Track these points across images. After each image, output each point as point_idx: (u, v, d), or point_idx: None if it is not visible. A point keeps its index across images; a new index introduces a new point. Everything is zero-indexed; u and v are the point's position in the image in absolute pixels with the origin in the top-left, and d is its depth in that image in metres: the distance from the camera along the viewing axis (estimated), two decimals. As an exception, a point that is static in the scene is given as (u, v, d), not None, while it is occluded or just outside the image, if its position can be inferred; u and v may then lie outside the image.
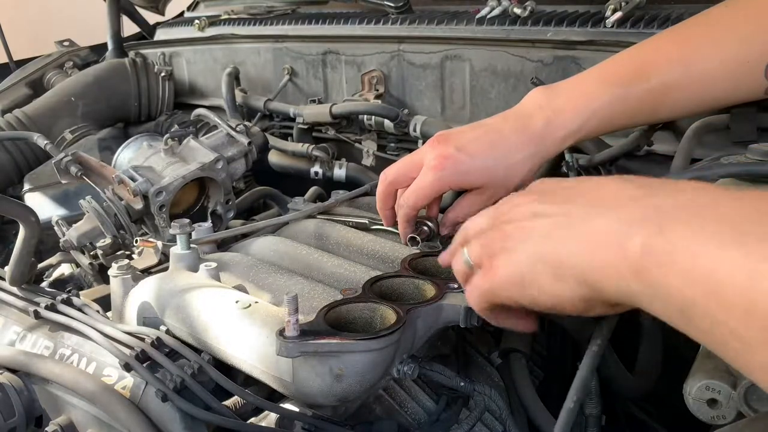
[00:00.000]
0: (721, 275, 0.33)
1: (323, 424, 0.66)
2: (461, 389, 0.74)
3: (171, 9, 1.90)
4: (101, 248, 0.96)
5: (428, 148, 0.76)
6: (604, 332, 0.63)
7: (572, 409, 0.57)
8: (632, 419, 0.95)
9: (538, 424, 0.78)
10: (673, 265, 0.36)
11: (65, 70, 1.64)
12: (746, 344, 0.33)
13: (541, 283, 0.46)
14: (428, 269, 0.75)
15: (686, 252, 0.35)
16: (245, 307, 0.68)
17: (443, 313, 0.69)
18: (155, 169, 0.98)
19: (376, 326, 0.66)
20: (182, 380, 0.67)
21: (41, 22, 3.07)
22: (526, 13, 1.14)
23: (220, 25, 1.61)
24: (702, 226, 0.36)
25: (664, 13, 1.03)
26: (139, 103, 1.56)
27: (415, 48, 1.25)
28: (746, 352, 0.33)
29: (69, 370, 0.72)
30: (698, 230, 0.36)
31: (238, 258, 0.84)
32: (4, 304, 0.84)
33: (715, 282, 0.34)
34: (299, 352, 0.59)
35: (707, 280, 0.34)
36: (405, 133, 1.26)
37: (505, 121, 0.76)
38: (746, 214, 0.35)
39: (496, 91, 1.17)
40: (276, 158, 1.39)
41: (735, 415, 0.59)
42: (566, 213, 0.45)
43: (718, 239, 0.34)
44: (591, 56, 1.03)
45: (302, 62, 1.43)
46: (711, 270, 0.34)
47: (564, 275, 0.44)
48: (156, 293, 0.76)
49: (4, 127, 1.37)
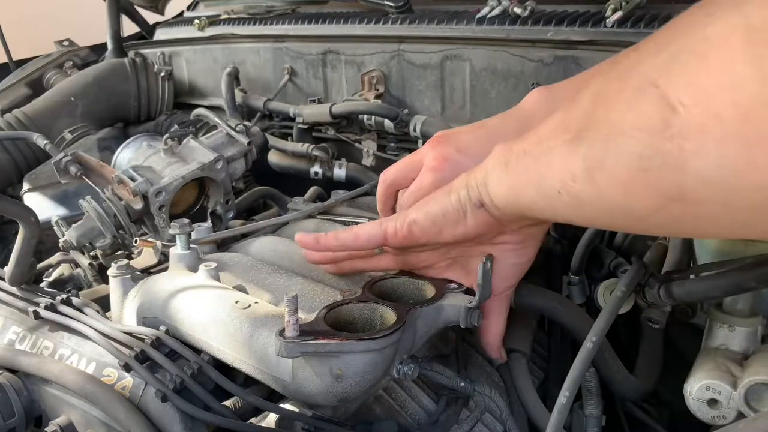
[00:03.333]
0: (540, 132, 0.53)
1: (323, 424, 0.66)
2: (461, 389, 0.74)
3: (171, 9, 1.90)
4: (101, 248, 0.96)
5: (428, 148, 0.75)
6: (601, 328, 0.64)
7: (564, 405, 0.61)
8: (632, 419, 0.95)
9: (538, 424, 0.78)
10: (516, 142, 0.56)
11: (65, 70, 1.64)
12: (536, 158, 0.52)
13: (438, 197, 0.65)
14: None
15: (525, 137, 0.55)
16: (245, 308, 0.68)
17: (443, 313, 0.69)
18: (155, 169, 0.98)
19: (376, 326, 0.66)
20: (182, 380, 0.67)
21: (41, 22, 3.07)
22: (526, 12, 1.14)
23: (219, 25, 1.61)
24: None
25: (665, 12, 1.03)
26: (138, 103, 1.56)
27: (415, 48, 1.25)
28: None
29: (69, 370, 0.72)
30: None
31: (238, 258, 0.84)
32: (4, 305, 0.84)
33: (533, 136, 0.54)
34: (299, 353, 0.59)
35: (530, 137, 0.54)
36: (405, 133, 1.26)
37: (506, 121, 0.76)
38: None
39: (496, 91, 1.17)
40: (276, 158, 1.39)
41: (735, 416, 0.59)
42: None
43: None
44: (591, 56, 1.03)
45: (302, 62, 1.43)
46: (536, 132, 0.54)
47: (453, 186, 0.64)
48: (155, 293, 0.76)
49: (3, 127, 1.37)
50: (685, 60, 0.38)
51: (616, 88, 0.44)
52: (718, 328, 0.69)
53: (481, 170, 0.60)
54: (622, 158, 0.42)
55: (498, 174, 0.58)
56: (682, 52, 0.38)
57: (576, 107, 0.48)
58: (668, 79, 0.39)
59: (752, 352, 0.67)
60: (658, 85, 0.39)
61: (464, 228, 0.64)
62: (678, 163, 0.39)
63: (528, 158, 0.53)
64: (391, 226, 0.68)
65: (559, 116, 0.50)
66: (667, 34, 0.41)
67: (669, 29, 0.42)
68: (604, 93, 0.45)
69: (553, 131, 0.50)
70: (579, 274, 0.89)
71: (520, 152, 0.54)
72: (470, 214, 0.63)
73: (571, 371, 0.63)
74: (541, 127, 0.53)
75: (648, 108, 0.40)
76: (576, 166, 0.46)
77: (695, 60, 0.37)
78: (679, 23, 0.41)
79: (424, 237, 0.67)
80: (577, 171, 0.46)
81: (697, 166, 0.38)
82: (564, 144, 0.48)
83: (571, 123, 0.48)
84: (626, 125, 0.41)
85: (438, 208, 0.65)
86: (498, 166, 0.58)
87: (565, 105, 0.51)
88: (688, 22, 0.40)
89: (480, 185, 0.60)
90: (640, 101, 0.40)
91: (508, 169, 0.56)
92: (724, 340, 0.68)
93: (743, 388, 0.59)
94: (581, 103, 0.48)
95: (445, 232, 0.65)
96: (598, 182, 0.45)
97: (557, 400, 0.62)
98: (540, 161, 0.51)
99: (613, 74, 0.45)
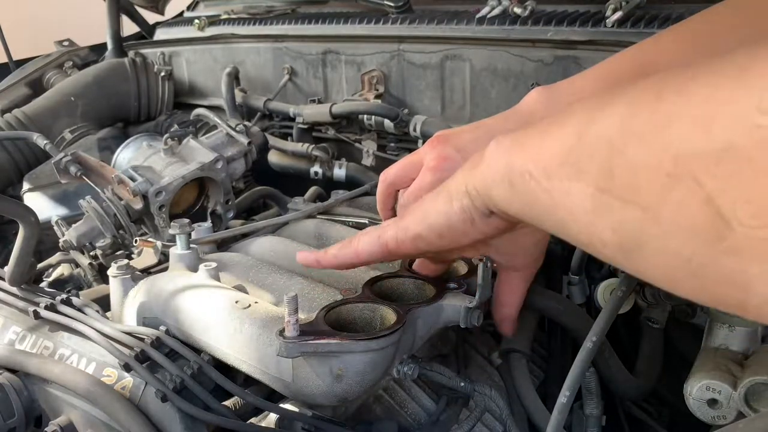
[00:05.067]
0: (542, 149, 0.44)
1: (323, 424, 0.66)
2: (461, 389, 0.74)
3: (171, 9, 1.89)
4: (101, 248, 0.96)
5: (428, 148, 0.75)
6: (601, 328, 0.64)
7: (565, 404, 0.60)
8: (632, 419, 0.95)
9: (538, 424, 0.78)
10: (511, 147, 0.48)
11: (65, 70, 1.64)
12: (552, 195, 0.42)
13: (438, 207, 0.58)
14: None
15: (519, 138, 0.48)
16: (245, 308, 0.68)
17: (443, 313, 0.69)
18: (155, 169, 0.98)
19: (376, 326, 0.66)
20: (182, 380, 0.67)
21: (41, 22, 3.07)
22: (526, 12, 1.14)
23: (219, 25, 1.61)
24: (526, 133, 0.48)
25: (665, 12, 1.03)
26: (138, 102, 1.56)
27: (415, 48, 1.25)
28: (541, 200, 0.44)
29: (69, 370, 0.72)
30: (531, 129, 0.47)
31: (238, 258, 0.84)
32: (4, 305, 0.84)
33: (534, 154, 0.45)
34: (299, 352, 0.59)
35: (529, 153, 0.46)
36: (405, 133, 1.26)
37: (506, 121, 0.76)
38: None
39: (496, 91, 1.17)
40: (276, 158, 1.39)
41: (735, 415, 0.59)
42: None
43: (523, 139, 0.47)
44: (591, 56, 1.03)
45: (302, 62, 1.43)
46: (536, 146, 0.45)
47: (453, 195, 0.57)
48: (156, 293, 0.76)
49: (3, 127, 1.37)
50: (736, 163, 0.29)
51: (639, 153, 0.34)
52: (718, 327, 0.69)
53: (479, 177, 0.53)
54: (665, 255, 0.34)
55: (503, 192, 0.50)
56: (732, 149, 0.29)
57: (586, 141, 0.38)
58: (716, 182, 0.30)
59: (752, 352, 0.67)
60: (702, 184, 0.30)
61: (476, 234, 0.57)
62: (739, 283, 0.31)
63: (538, 190, 0.44)
64: (391, 239, 0.63)
65: (564, 141, 0.41)
66: (705, 90, 0.31)
67: (704, 80, 0.31)
68: (622, 150, 0.35)
69: (561, 166, 0.41)
70: (579, 274, 0.89)
71: (524, 174, 0.45)
72: (479, 222, 0.56)
73: (571, 371, 0.63)
74: (543, 146, 0.44)
75: (691, 205, 0.31)
76: (606, 235, 0.38)
77: (748, 165, 0.28)
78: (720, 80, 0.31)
79: (432, 248, 0.62)
80: (608, 240, 0.38)
81: (765, 292, 0.30)
82: (582, 196, 0.38)
83: (584, 165, 0.38)
84: (663, 213, 0.32)
85: (442, 220, 0.58)
86: (501, 182, 0.50)
87: (567, 121, 0.41)
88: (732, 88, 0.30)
89: (483, 195, 0.53)
90: (679, 191, 0.31)
91: (515, 191, 0.48)
92: (724, 340, 0.68)
93: (743, 388, 0.59)
94: (591, 138, 0.38)
95: (456, 240, 0.59)
96: (635, 261, 0.37)
97: (557, 400, 0.62)
98: (556, 201, 0.42)
99: (635, 124, 0.34)
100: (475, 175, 0.54)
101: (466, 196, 0.55)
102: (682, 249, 0.32)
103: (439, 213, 0.58)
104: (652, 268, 0.36)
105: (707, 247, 0.31)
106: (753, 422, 0.51)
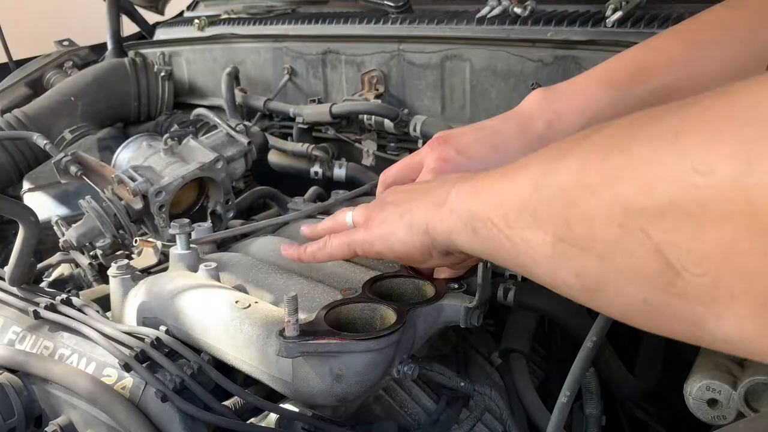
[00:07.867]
0: (501, 197, 0.46)
1: (323, 424, 0.66)
2: (461, 389, 0.74)
3: (171, 8, 1.89)
4: (101, 248, 0.96)
5: (428, 149, 0.75)
6: (601, 328, 0.64)
7: (565, 404, 0.61)
8: (632, 419, 0.95)
9: (538, 424, 0.78)
10: (473, 194, 0.50)
11: (65, 70, 1.64)
12: (513, 242, 0.43)
13: (399, 235, 0.61)
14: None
15: (479, 185, 0.50)
16: (245, 308, 0.68)
17: (443, 313, 0.69)
18: (155, 169, 0.98)
19: (376, 326, 0.66)
20: (182, 380, 0.67)
21: (41, 22, 3.07)
22: (526, 12, 1.14)
23: (219, 25, 1.61)
24: (492, 176, 0.49)
25: (665, 12, 1.03)
26: (138, 102, 1.56)
27: (415, 48, 1.25)
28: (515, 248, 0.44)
29: (69, 370, 0.72)
30: (490, 176, 0.49)
31: (238, 258, 0.84)
32: (4, 304, 0.84)
33: (494, 201, 0.47)
34: (299, 353, 0.59)
35: (490, 200, 0.47)
36: (405, 133, 1.25)
37: (506, 123, 0.76)
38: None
39: (496, 91, 1.17)
40: (276, 158, 1.39)
41: (735, 416, 0.59)
42: (423, 190, 0.63)
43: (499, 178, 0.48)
44: (591, 56, 1.03)
45: (302, 62, 1.43)
46: (496, 194, 0.47)
47: (414, 228, 0.59)
48: (155, 293, 0.76)
49: (3, 127, 1.37)
50: (678, 218, 0.31)
51: (591, 205, 0.36)
52: (718, 328, 0.69)
53: (442, 223, 0.55)
54: (623, 297, 0.36)
55: (467, 238, 0.51)
56: (673, 206, 0.31)
57: (543, 192, 0.41)
58: (662, 235, 0.32)
59: (752, 352, 0.66)
60: (651, 235, 0.32)
61: (436, 264, 0.64)
62: (692, 321, 0.33)
63: (501, 237, 0.45)
64: (359, 248, 0.66)
65: (523, 190, 0.43)
66: (649, 140, 0.33)
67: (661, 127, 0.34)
68: (576, 202, 0.37)
69: (521, 215, 0.43)
70: (579, 274, 0.89)
71: (486, 221, 0.47)
72: (437, 257, 0.60)
73: (571, 371, 0.63)
74: (502, 194, 0.46)
75: (642, 254, 0.33)
76: (569, 279, 0.40)
77: (688, 220, 0.30)
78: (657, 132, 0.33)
79: (398, 261, 0.68)
80: (571, 283, 0.40)
81: (714, 329, 0.32)
82: (542, 243, 0.40)
83: (542, 214, 0.41)
84: (618, 260, 0.35)
85: (402, 249, 0.61)
86: (465, 229, 0.51)
87: (524, 171, 0.43)
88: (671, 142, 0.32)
89: (445, 240, 0.55)
90: (630, 241, 0.33)
91: (478, 237, 0.49)
92: (724, 340, 0.68)
93: (743, 388, 0.59)
94: (547, 189, 0.40)
95: (417, 264, 0.66)
96: (597, 301, 0.39)
97: (557, 400, 0.62)
98: (518, 248, 0.43)
99: (586, 178, 0.37)
100: (436, 218, 0.56)
101: (426, 235, 0.58)
102: (637, 292, 0.35)
103: (399, 240, 0.61)
104: (613, 307, 0.38)
105: (660, 292, 0.33)
106: (753, 422, 0.51)
